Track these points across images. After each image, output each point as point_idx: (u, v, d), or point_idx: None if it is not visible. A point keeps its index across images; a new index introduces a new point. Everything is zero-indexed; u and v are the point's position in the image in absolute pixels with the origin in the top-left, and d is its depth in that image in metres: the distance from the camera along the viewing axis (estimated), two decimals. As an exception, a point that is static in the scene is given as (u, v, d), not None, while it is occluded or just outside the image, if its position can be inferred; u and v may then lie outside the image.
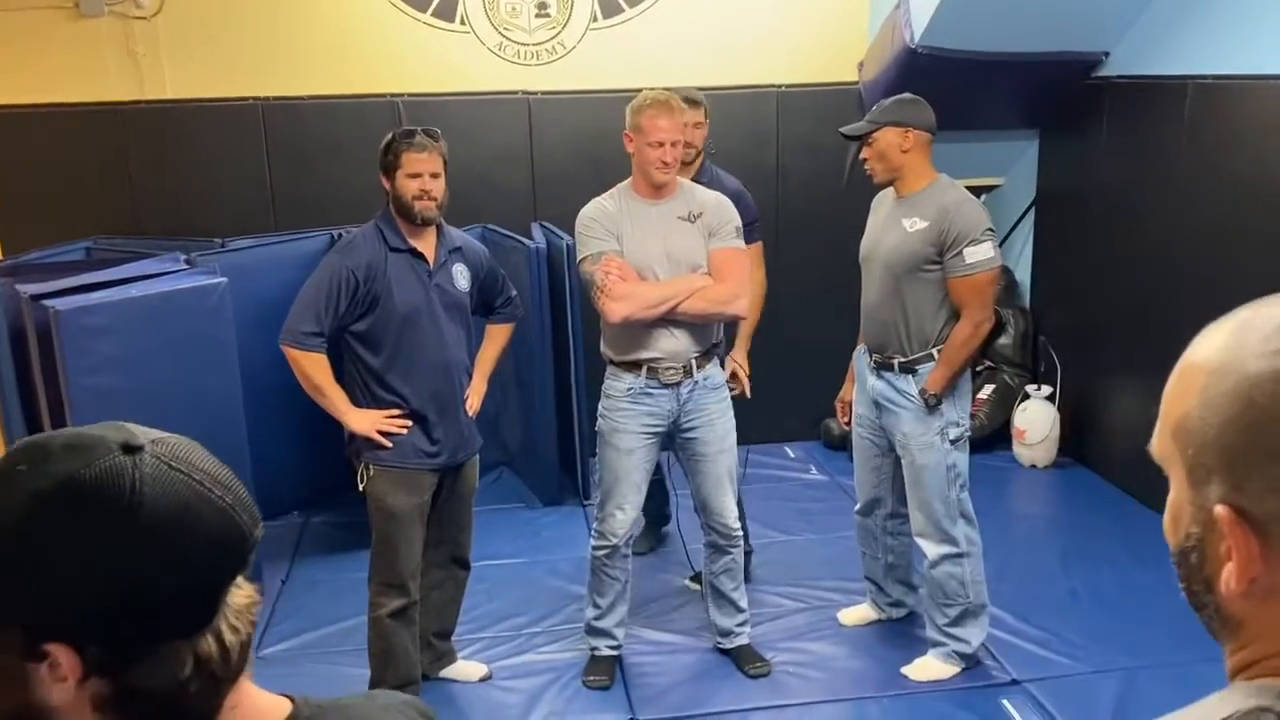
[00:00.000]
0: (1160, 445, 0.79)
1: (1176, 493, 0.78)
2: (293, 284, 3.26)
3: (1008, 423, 5.30)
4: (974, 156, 5.54)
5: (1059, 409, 5.16)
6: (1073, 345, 5.22)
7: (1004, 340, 5.43)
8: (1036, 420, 5.15)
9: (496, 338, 3.44)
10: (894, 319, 3.26)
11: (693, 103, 4.05)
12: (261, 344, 3.57)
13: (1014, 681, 3.39)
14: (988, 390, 5.38)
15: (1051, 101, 5.10)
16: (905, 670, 3.42)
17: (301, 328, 3.04)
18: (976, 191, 5.76)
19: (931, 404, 3.22)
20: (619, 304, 3.16)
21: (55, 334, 3.38)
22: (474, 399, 3.29)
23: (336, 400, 3.10)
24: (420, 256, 3.12)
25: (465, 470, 3.30)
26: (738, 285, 3.26)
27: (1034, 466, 5.18)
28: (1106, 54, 4.79)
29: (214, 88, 5.02)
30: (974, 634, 3.41)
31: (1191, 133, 4.25)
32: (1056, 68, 4.84)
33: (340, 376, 3.15)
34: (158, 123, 5.01)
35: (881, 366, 3.33)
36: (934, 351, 3.23)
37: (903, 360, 3.27)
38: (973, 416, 5.28)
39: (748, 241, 4.07)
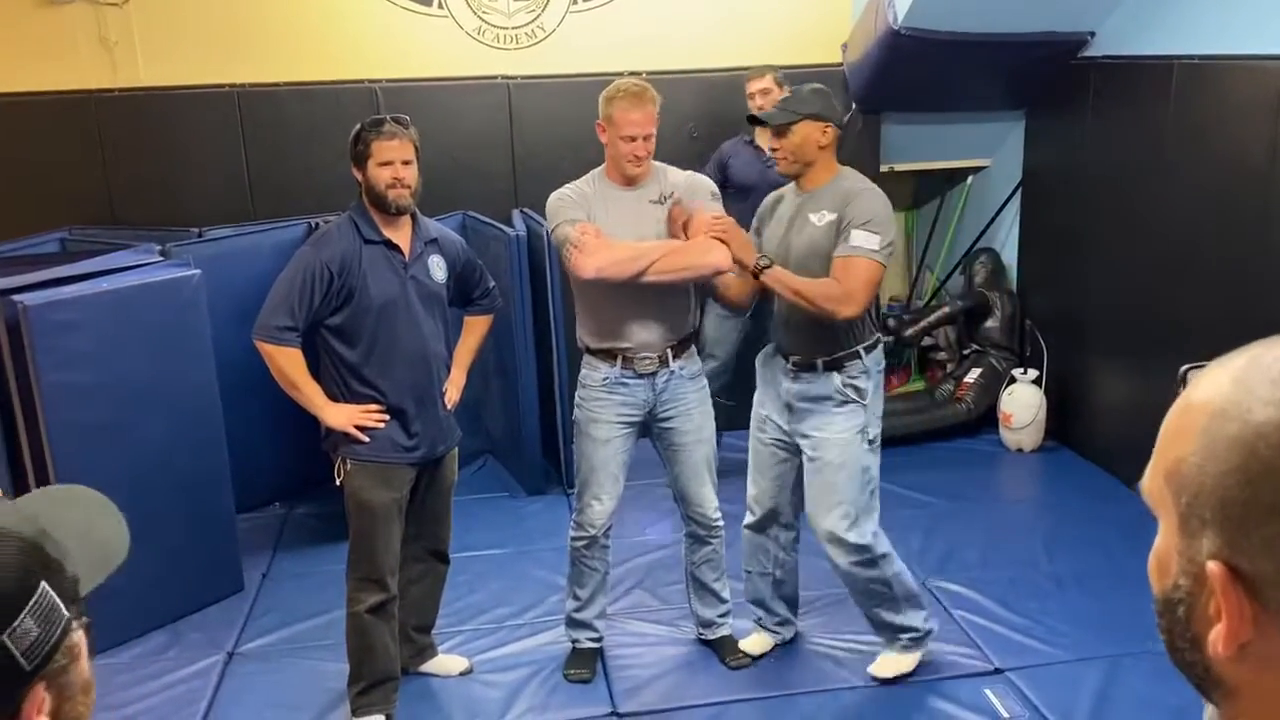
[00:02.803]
0: (1151, 485, 0.73)
1: (1165, 539, 0.72)
2: (270, 274, 3.20)
3: (994, 406, 5.27)
4: (960, 138, 5.51)
5: (1046, 393, 5.14)
6: (1059, 328, 5.19)
7: (991, 323, 5.40)
8: (1023, 404, 5.13)
9: (475, 330, 3.40)
10: (814, 320, 3.08)
11: None
12: (238, 334, 3.51)
13: (996, 670, 3.37)
14: (974, 374, 5.35)
15: (1037, 82, 5.05)
16: (871, 670, 3.35)
17: (275, 322, 2.99)
18: (963, 173, 5.75)
19: (764, 265, 3.06)
20: (591, 258, 3.07)
21: (25, 329, 3.33)
22: (453, 391, 3.26)
23: (312, 395, 3.06)
24: (395, 248, 3.08)
25: (444, 463, 3.27)
26: (712, 240, 3.15)
27: (1020, 450, 5.16)
28: (1092, 34, 4.74)
29: (189, 75, 4.95)
30: (914, 618, 3.31)
31: (1178, 113, 4.21)
32: (1042, 48, 4.79)
33: (316, 371, 3.12)
34: (132, 110, 4.94)
35: (802, 368, 3.18)
36: (859, 349, 3.13)
37: (827, 359, 3.14)
38: (959, 400, 5.30)
39: None
